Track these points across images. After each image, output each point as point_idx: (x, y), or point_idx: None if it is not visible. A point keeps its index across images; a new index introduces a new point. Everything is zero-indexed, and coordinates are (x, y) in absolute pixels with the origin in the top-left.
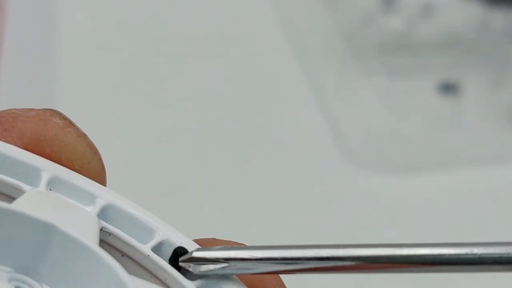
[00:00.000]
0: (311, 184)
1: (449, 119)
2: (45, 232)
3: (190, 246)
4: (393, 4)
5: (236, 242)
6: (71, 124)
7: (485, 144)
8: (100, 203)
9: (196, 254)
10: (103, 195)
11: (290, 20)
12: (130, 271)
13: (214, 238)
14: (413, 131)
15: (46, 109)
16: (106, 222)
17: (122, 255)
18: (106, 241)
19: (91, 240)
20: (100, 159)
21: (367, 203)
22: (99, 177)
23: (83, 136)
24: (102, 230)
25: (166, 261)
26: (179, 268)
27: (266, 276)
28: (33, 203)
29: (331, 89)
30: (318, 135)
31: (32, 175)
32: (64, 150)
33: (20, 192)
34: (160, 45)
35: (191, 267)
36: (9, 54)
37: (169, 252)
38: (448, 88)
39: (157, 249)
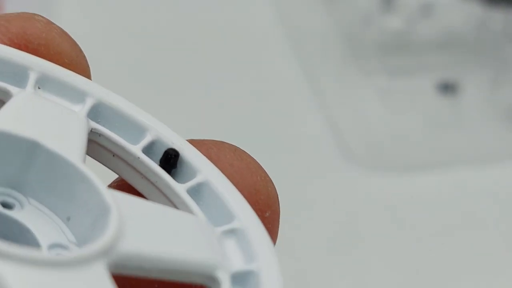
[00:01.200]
0: (310, 183)
1: (449, 118)
2: (30, 149)
3: (182, 147)
4: (392, 4)
5: (230, 144)
6: (53, 23)
7: (485, 143)
8: (90, 102)
9: None
10: (93, 92)
11: (289, 20)
12: (121, 172)
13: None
14: (412, 130)
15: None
16: (97, 121)
17: (113, 155)
18: (96, 142)
19: (77, 155)
20: (85, 56)
21: (366, 202)
22: (86, 72)
23: (66, 32)
24: (92, 131)
25: (157, 163)
26: (169, 171)
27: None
28: (18, 111)
29: (331, 88)
30: (317, 134)
31: (19, 75)
32: (52, 43)
33: (8, 95)
34: (158, 45)
35: None
36: None
37: (160, 153)
38: (448, 88)
39: (148, 149)
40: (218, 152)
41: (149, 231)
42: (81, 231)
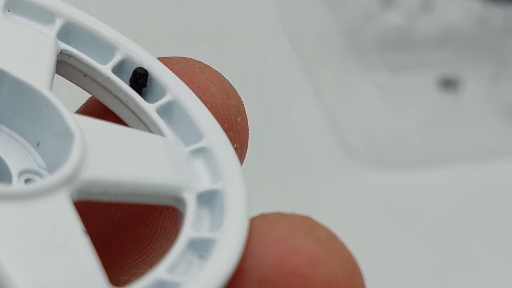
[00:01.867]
0: (310, 180)
1: (449, 114)
2: None
3: (152, 65)
4: (392, 0)
5: (197, 60)
6: None
7: (485, 139)
8: (59, 22)
9: None
10: (62, 12)
11: (289, 17)
12: (92, 91)
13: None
14: (413, 126)
15: None
16: (67, 41)
17: (85, 76)
18: (67, 63)
19: (44, 81)
20: None
21: (366, 198)
22: None
23: None
24: (61, 53)
25: (127, 82)
26: (140, 90)
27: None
28: None
29: (331, 85)
30: (317, 131)
31: None
32: None
33: None
34: (158, 43)
35: None
36: None
37: (130, 71)
38: (448, 84)
39: (118, 68)
40: (187, 63)
41: (114, 155)
42: (50, 156)
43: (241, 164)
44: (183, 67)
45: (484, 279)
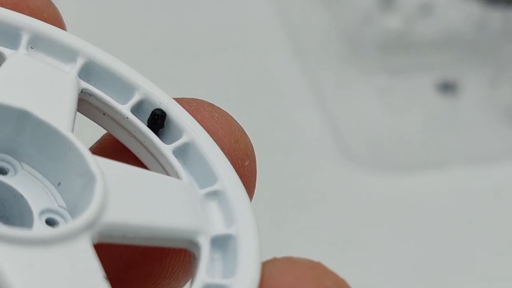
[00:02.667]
0: (309, 182)
1: (448, 117)
2: (20, 118)
3: (169, 106)
4: (391, 3)
5: (207, 101)
6: None
7: (484, 143)
8: (80, 61)
9: None
10: (84, 51)
11: (289, 19)
12: (111, 130)
13: (194, 99)
14: (411, 129)
15: None
16: (87, 79)
17: (104, 114)
18: (87, 101)
19: (66, 122)
20: (59, 12)
21: (365, 201)
22: (63, 27)
23: None
24: (82, 92)
25: (145, 123)
26: (157, 130)
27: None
28: (9, 77)
29: (330, 88)
30: (316, 133)
31: (12, 36)
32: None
33: (1, 57)
34: (158, 44)
35: None
36: None
37: (148, 112)
38: (447, 87)
39: (136, 108)
40: (198, 106)
41: (133, 199)
42: (71, 196)
43: (250, 200)
44: (193, 110)
45: (485, 282)
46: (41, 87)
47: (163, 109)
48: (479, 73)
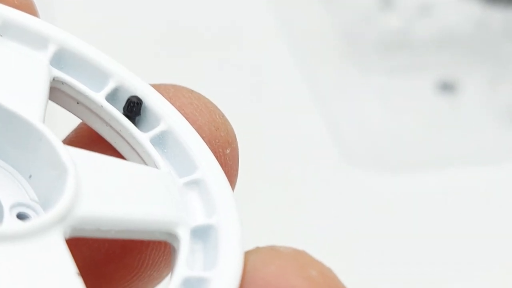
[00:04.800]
0: (308, 182)
1: (448, 117)
2: None
3: (146, 93)
4: (391, 3)
5: (187, 87)
6: None
7: (484, 143)
8: (52, 48)
9: None
10: (56, 37)
11: (288, 19)
12: (86, 119)
13: (174, 85)
14: (411, 129)
15: None
16: (60, 67)
17: (77, 103)
18: (60, 89)
19: (37, 112)
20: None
21: (365, 201)
22: (35, 13)
23: None
24: (54, 80)
25: (121, 111)
26: (133, 118)
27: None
28: None
29: (329, 88)
30: (315, 133)
31: None
32: None
33: None
34: (157, 44)
35: None
36: None
37: (124, 100)
38: (447, 87)
39: (112, 96)
40: (176, 92)
41: (108, 190)
42: (43, 189)
43: (233, 189)
44: (171, 97)
45: (485, 282)
46: (10, 75)
47: (139, 96)
48: (479, 73)
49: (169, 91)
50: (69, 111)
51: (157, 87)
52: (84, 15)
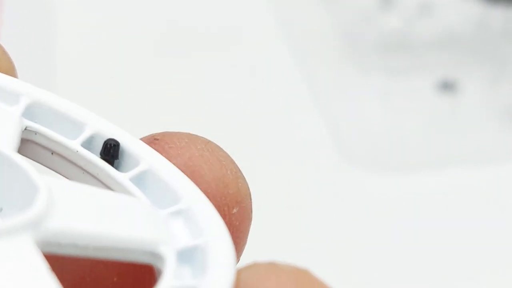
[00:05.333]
0: (308, 182)
1: (448, 117)
2: None
3: (123, 137)
4: (391, 3)
5: (204, 137)
6: None
7: (484, 143)
8: (24, 102)
9: None
10: (28, 92)
11: (288, 19)
12: (61, 170)
13: (153, 135)
14: (411, 129)
15: None
16: (33, 120)
17: (52, 153)
18: (33, 140)
19: (7, 146)
20: (10, 57)
21: (364, 202)
22: (12, 73)
23: None
24: (27, 130)
25: (98, 156)
26: (112, 162)
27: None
28: None
29: (329, 88)
30: (315, 134)
31: None
32: None
33: None
34: (157, 45)
35: None
36: (6, 49)
37: (101, 146)
38: (447, 87)
39: (88, 144)
40: (189, 142)
41: (83, 209)
42: (15, 212)
43: (237, 261)
44: (183, 146)
45: (485, 282)
46: None
47: (116, 138)
48: (479, 73)
49: (182, 140)
50: (43, 164)
51: (171, 135)
52: (84, 15)
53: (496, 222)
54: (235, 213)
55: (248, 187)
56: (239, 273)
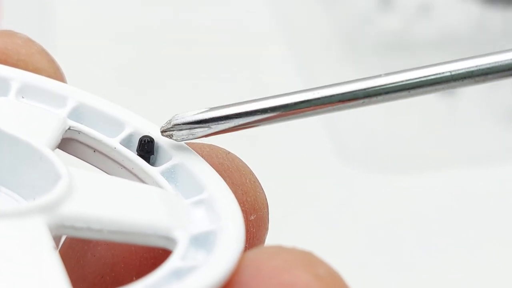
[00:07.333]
0: (308, 184)
1: (447, 118)
2: None
3: (157, 134)
4: (390, 4)
5: (224, 148)
6: (33, 40)
7: (483, 144)
8: (71, 104)
9: (176, 121)
10: (74, 96)
11: (288, 19)
12: (101, 165)
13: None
14: (410, 131)
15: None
16: (78, 121)
17: (94, 151)
18: (76, 140)
19: (43, 141)
20: (63, 73)
21: (363, 202)
22: (60, 79)
23: (45, 50)
24: (70, 129)
25: (134, 152)
26: (148, 158)
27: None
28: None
29: None
30: (314, 135)
31: (1, 86)
32: (31, 60)
33: None
34: (157, 44)
35: (173, 135)
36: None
37: (137, 143)
38: None
39: (126, 141)
40: (210, 151)
41: (103, 197)
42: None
43: None
44: (204, 155)
45: (485, 282)
46: (25, 120)
47: (151, 135)
48: None
49: (203, 150)
50: (86, 161)
51: (193, 145)
52: (84, 15)
53: (496, 222)
54: (252, 220)
55: (266, 197)
56: (246, 253)
